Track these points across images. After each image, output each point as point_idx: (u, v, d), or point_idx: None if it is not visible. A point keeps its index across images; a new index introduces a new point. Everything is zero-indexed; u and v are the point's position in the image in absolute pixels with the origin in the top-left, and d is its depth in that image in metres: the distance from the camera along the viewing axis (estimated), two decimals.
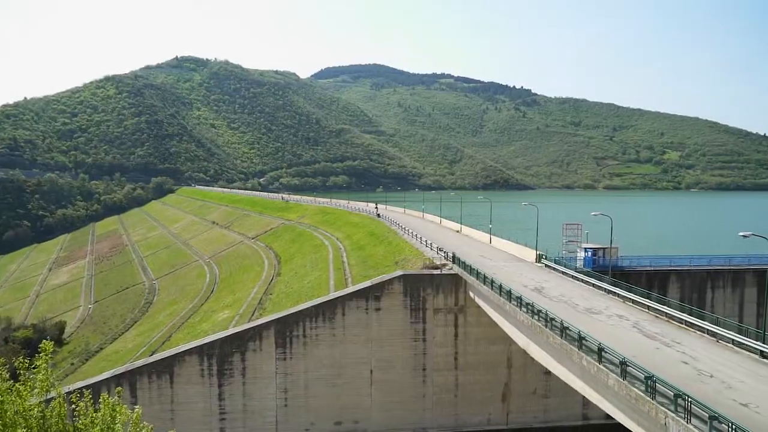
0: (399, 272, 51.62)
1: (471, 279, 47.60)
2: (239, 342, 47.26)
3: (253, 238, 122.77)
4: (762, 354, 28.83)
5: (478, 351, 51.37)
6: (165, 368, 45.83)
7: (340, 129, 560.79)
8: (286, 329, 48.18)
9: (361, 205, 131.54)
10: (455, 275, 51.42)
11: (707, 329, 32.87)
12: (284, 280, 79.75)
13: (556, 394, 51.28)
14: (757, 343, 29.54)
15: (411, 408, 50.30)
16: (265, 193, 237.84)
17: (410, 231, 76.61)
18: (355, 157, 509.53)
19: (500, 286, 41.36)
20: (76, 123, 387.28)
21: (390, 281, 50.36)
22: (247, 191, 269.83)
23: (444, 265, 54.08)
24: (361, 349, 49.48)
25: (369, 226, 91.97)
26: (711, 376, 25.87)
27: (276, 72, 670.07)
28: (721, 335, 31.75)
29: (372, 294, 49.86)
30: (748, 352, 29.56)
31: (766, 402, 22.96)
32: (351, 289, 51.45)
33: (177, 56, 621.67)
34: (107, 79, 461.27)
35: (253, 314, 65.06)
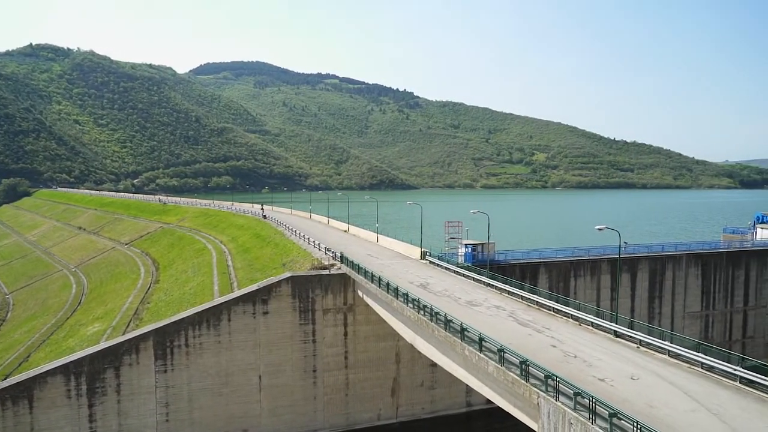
0: (287, 274, 50.82)
1: (359, 278, 48.19)
2: (113, 357, 43.51)
3: (126, 244, 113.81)
4: (615, 333, 32.49)
5: (367, 348, 52.14)
6: (22, 392, 40.84)
7: (222, 128, 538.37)
8: (166, 339, 45.25)
9: (246, 206, 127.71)
10: (344, 275, 51.75)
11: (571, 314, 36.34)
12: (163, 288, 74.91)
13: (441, 384, 53.67)
14: (612, 324, 33.26)
15: (302, 411, 49.79)
16: (140, 195, 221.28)
17: (298, 232, 75.79)
18: (238, 157, 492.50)
19: (387, 284, 42.34)
20: None
21: (278, 283, 49.40)
22: (119, 193, 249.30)
23: (332, 265, 54.20)
24: (249, 355, 47.97)
25: (255, 228, 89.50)
26: (575, 357, 28.61)
27: (150, 66, 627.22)
28: (583, 319, 35.30)
29: (259, 297, 48.55)
30: (604, 333, 33.15)
31: (619, 376, 25.91)
32: (237, 293, 49.64)
33: (32, 43, 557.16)
34: None
35: (128, 326, 60.31)
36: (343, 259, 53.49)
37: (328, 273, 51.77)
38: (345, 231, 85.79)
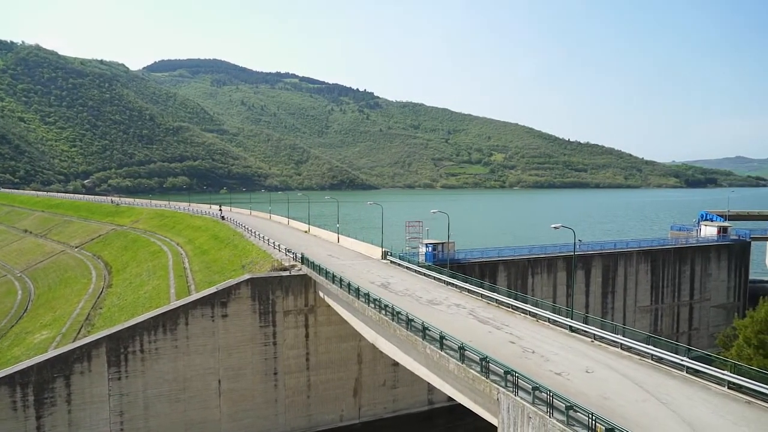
0: (246, 276, 50.03)
1: (320, 279, 47.92)
2: (62, 365, 41.75)
3: (77, 247, 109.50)
4: (571, 329, 33.46)
5: (329, 349, 51.91)
6: None
7: (178, 126, 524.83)
8: (120, 345, 43.78)
9: (204, 207, 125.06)
10: (305, 276, 51.35)
11: (529, 311, 37.20)
12: (116, 292, 72.50)
13: (403, 383, 53.97)
14: (567, 319, 34.24)
15: (263, 414, 49.09)
16: (91, 197, 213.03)
17: (257, 233, 74.72)
18: (195, 157, 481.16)
19: (349, 284, 42.26)
20: None
21: (237, 286, 48.57)
22: (68, 194, 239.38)
23: (293, 266, 53.70)
24: (207, 359, 46.96)
25: (213, 230, 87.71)
26: (533, 352, 29.30)
27: (101, 62, 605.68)
28: (540, 315, 36.19)
29: (218, 300, 47.60)
30: (560, 328, 34.09)
31: (575, 370, 26.70)
32: (195, 296, 48.50)
33: None
34: None
35: (79, 332, 58.09)
36: (304, 260, 53.08)
37: (288, 274, 51.26)
38: (305, 231, 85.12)
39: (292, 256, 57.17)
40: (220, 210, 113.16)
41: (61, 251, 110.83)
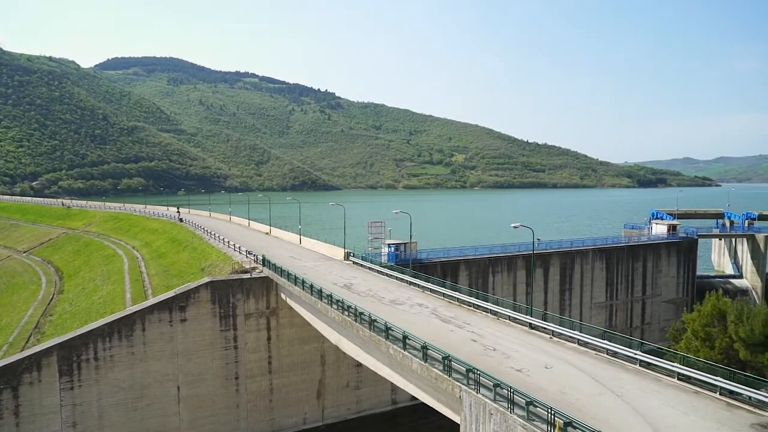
0: (206, 279, 49.01)
1: (282, 281, 47.42)
2: (10, 375, 39.86)
3: (25, 252, 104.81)
4: (531, 326, 34.22)
5: (292, 352, 51.40)
6: None
7: (133, 126, 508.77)
8: (72, 354, 42.13)
9: (161, 209, 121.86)
10: (266, 278, 50.70)
11: (490, 309, 37.84)
12: (68, 298, 69.78)
13: (367, 384, 53.96)
14: (527, 317, 35.00)
15: (224, 420, 48.18)
16: (41, 199, 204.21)
17: (217, 235, 73.32)
18: (152, 158, 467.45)
19: (311, 286, 41.98)
20: None
21: (196, 289, 47.50)
22: (14, 197, 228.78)
23: (254, 268, 52.95)
24: (166, 365, 45.73)
25: (170, 232, 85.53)
26: (494, 350, 29.82)
27: (50, 59, 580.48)
28: (501, 313, 36.86)
29: (176, 304, 46.43)
30: (520, 326, 34.81)
31: (534, 366, 27.32)
32: (152, 301, 47.17)
33: None
34: None
35: (27, 341, 55.64)
36: (265, 262, 52.42)
37: (249, 277, 50.50)
38: (267, 233, 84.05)
39: (253, 258, 56.37)
40: (178, 212, 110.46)
41: (7, 257, 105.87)
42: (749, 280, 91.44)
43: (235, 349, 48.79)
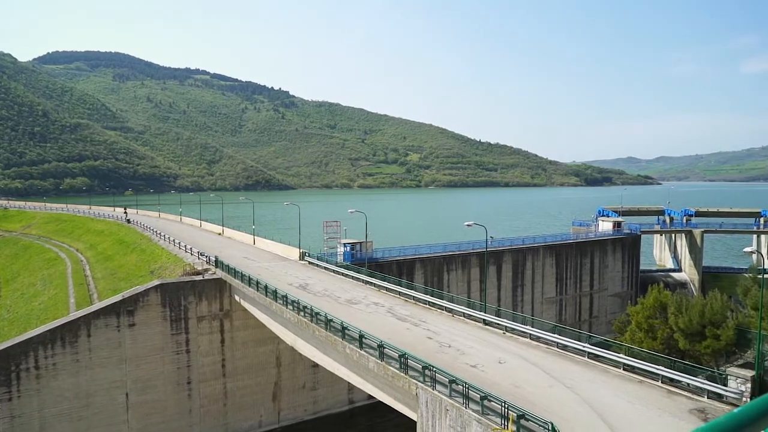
0: (156, 282, 47.48)
1: (236, 282, 46.51)
2: None
3: None
4: (485, 322, 34.88)
5: (246, 354, 50.51)
6: None
7: (76, 124, 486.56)
8: (10, 363, 39.95)
9: (107, 210, 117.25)
10: (219, 280, 49.61)
11: (445, 307, 38.33)
12: (5, 305, 66.12)
13: (324, 384, 53.65)
14: (481, 313, 35.65)
15: (176, 426, 46.83)
16: None
17: (167, 236, 71.15)
18: (96, 156, 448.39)
19: (266, 287, 41.36)
20: None
21: (145, 292, 45.96)
22: None
23: (207, 270, 51.72)
24: (113, 372, 44.03)
25: (117, 234, 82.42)
26: (449, 346, 30.22)
27: None
28: (456, 311, 37.40)
29: (124, 309, 44.78)
30: (475, 322, 35.43)
31: (488, 361, 27.87)
32: (97, 305, 45.30)
33: None
34: None
35: None
36: (218, 263, 51.28)
37: (201, 278, 49.29)
38: (219, 234, 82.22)
39: (205, 259, 55.05)
40: (126, 213, 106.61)
41: None
42: (688, 273, 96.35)
43: (188, 352, 47.52)
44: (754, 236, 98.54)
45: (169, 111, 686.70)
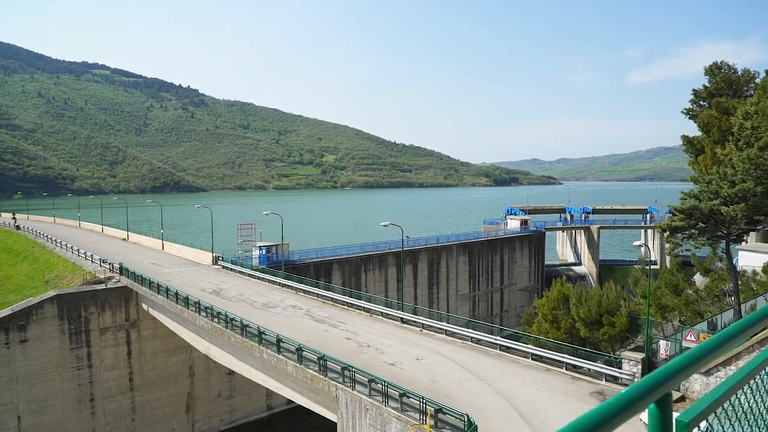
0: (51, 293, 43.82)
1: (143, 290, 44.02)
2: None
3: None
4: (402, 320, 35.55)
5: (156, 366, 47.91)
6: None
7: None
8: None
9: None
10: (124, 288, 46.69)
11: (363, 307, 38.61)
12: None
13: (240, 392, 52.09)
14: (398, 312, 36.30)
15: None
16: None
17: (64, 243, 65.88)
18: None
19: (176, 293, 39.52)
20: None
21: (39, 305, 42.28)
22: None
23: (110, 278, 48.50)
24: (2, 394, 40.09)
25: (5, 242, 75.15)
26: (368, 346, 30.49)
27: None
28: (373, 310, 37.80)
29: (14, 323, 40.92)
30: (393, 321, 36.01)
31: (407, 358, 28.44)
32: None
33: None
34: None
35: None
36: (123, 271, 48.26)
37: (104, 287, 46.15)
38: (124, 239, 77.35)
39: (108, 266, 51.58)
40: (14, 218, 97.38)
41: None
42: (587, 266, 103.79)
43: (90, 367, 44.30)
44: (642, 231, 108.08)
45: (64, 108, 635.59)
